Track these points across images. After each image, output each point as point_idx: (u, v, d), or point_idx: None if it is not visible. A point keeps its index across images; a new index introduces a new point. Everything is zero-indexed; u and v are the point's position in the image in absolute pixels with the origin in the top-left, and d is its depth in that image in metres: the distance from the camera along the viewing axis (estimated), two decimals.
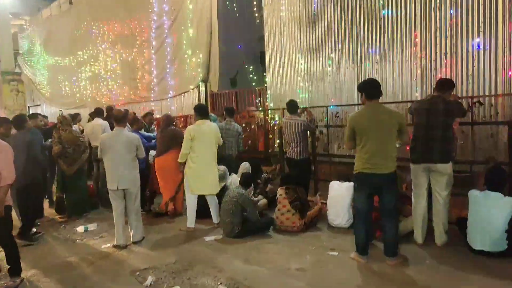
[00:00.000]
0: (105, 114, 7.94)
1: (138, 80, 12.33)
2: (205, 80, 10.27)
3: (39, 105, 18.56)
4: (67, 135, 6.44)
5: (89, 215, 6.69)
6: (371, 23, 6.81)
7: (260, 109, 8.89)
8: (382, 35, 6.71)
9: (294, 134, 5.80)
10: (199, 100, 10.58)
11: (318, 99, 7.78)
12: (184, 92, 10.96)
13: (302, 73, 8.09)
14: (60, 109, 16.55)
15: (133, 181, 5.02)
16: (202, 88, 10.47)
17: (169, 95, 11.36)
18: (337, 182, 5.22)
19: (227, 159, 6.60)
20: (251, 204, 5.06)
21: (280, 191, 5.24)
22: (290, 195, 5.10)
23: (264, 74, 11.85)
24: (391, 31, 6.58)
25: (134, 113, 8.42)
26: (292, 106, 5.92)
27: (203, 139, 5.37)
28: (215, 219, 5.55)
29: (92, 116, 9.84)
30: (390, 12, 6.51)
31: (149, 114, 8.64)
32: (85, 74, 14.60)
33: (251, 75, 11.25)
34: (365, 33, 6.94)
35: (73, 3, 14.68)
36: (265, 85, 8.90)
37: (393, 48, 6.61)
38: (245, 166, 6.00)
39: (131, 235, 5.11)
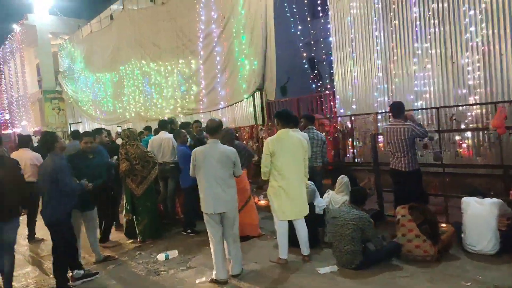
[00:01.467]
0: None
1: (185, 92, 11.59)
2: (261, 89, 9.42)
3: (80, 122, 18.10)
4: (134, 151, 5.63)
5: (163, 239, 5.85)
6: (469, 10, 5.83)
7: (328, 116, 7.97)
8: (485, 23, 5.71)
9: (400, 142, 4.80)
10: (255, 110, 9.71)
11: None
12: (237, 102, 10.13)
13: (379, 74, 7.13)
14: (100, 124, 16.03)
15: (231, 203, 4.12)
16: (258, 97, 9.66)
17: (220, 106, 10.53)
18: (474, 198, 4.19)
19: (310, 172, 5.68)
20: (373, 228, 4.09)
21: (402, 211, 4.23)
22: (416, 216, 4.10)
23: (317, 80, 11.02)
24: (498, 17, 5.58)
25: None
26: (398, 109, 4.94)
27: (286, 153, 4.36)
28: (305, 249, 4.45)
29: (148, 130, 9.13)
30: None
31: (196, 122, 7.73)
32: (128, 89, 13.99)
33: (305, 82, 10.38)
34: (461, 23, 5.96)
35: (114, 18, 14.17)
36: (334, 89, 7.97)
37: (500, 38, 5.60)
38: (343, 181, 5.02)
39: (230, 266, 4.20)
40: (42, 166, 4.30)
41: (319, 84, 9.46)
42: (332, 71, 8.01)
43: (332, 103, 8.04)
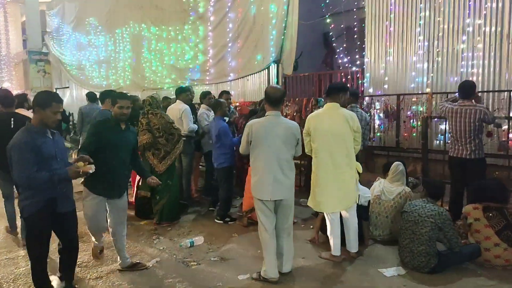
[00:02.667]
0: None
1: (190, 61, 10.64)
2: (278, 61, 8.62)
3: (68, 87, 16.86)
4: (158, 121, 4.81)
5: (181, 222, 5.13)
6: None
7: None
8: None
9: (468, 125, 4.18)
10: (269, 84, 8.91)
11: (442, 83, 6.16)
12: (249, 75, 9.29)
13: (420, 52, 6.43)
14: (90, 90, 14.89)
15: (291, 189, 3.42)
16: (274, 71, 8.84)
17: (229, 78, 9.66)
18: None
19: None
20: (453, 227, 3.46)
21: (475, 213, 3.57)
22: (495, 221, 3.47)
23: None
24: None
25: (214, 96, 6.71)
26: (468, 89, 4.29)
27: (326, 133, 3.65)
28: (352, 246, 3.79)
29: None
30: None
31: (225, 93, 6.84)
32: (124, 54, 12.88)
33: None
34: None
35: None
36: (364, 67, 7.24)
37: None
38: (398, 169, 4.33)
39: (280, 262, 3.52)
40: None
41: (346, 61, 8.52)
42: (363, 46, 7.25)
43: (360, 82, 7.32)
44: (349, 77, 7.56)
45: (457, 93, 4.60)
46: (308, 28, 10.02)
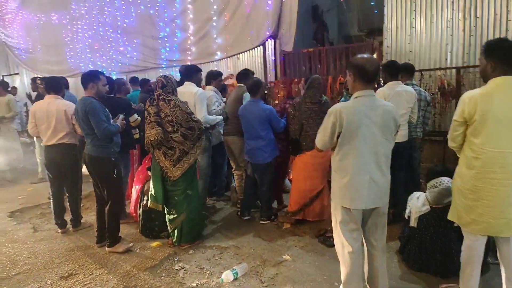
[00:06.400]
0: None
1: (166, 39, 9.12)
2: (275, 36, 7.43)
3: (17, 73, 14.52)
4: (172, 111, 3.42)
5: (202, 239, 3.87)
6: None
7: None
8: None
9: None
10: (265, 62, 7.70)
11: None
12: (240, 53, 8.00)
13: (454, 21, 5.50)
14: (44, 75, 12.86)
15: (387, 194, 2.35)
16: (271, 47, 7.62)
17: (216, 57, 8.33)
18: None
19: (407, 146, 4.02)
20: None
21: None
22: None
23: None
24: None
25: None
26: None
27: (499, 123, 2.15)
28: None
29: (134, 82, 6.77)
30: None
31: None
32: (83, 34, 11.03)
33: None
34: None
35: None
36: (384, 38, 6.20)
37: None
38: None
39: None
40: None
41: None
42: (384, 15, 6.20)
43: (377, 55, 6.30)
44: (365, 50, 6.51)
45: None
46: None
